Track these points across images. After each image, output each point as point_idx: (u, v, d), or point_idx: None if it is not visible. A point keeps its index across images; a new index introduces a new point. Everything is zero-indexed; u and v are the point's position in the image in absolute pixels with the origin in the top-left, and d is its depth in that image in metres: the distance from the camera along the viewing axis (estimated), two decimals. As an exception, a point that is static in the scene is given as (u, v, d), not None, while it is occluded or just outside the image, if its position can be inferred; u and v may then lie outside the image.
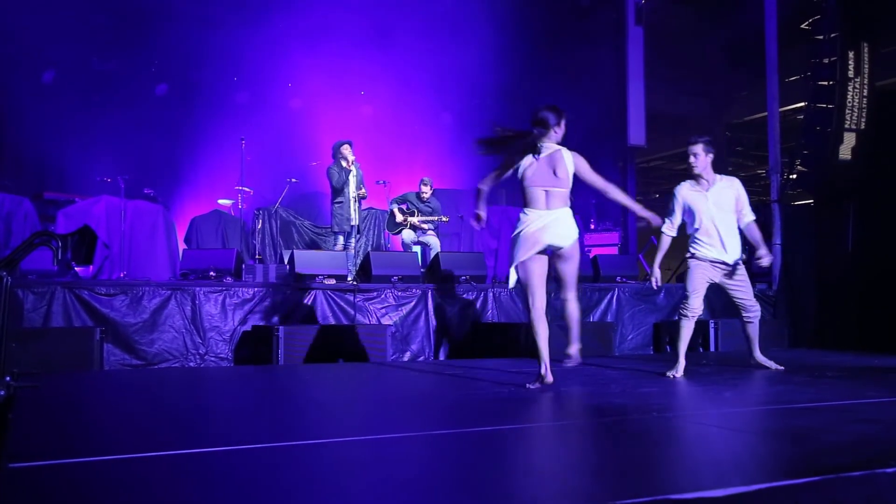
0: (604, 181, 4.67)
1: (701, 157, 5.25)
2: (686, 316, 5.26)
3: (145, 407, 4.12)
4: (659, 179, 18.36)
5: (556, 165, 4.54)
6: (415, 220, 9.74)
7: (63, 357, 6.05)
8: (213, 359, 6.94)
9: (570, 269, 4.72)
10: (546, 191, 4.54)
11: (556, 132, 4.62)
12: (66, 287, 6.61)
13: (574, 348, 5.00)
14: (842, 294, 8.68)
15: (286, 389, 5.00)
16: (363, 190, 9.20)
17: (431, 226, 9.83)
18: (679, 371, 5.15)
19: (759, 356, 5.59)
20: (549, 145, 4.61)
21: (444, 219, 9.85)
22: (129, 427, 3.38)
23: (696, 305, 5.24)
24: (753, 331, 5.52)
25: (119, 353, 6.65)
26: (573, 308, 4.86)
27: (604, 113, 12.67)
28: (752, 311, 5.43)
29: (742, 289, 5.36)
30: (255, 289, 7.26)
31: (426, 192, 9.88)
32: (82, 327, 6.49)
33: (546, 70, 12.98)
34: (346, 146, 9.08)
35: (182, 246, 10.12)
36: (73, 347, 6.17)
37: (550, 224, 4.51)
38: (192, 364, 6.84)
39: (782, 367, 5.45)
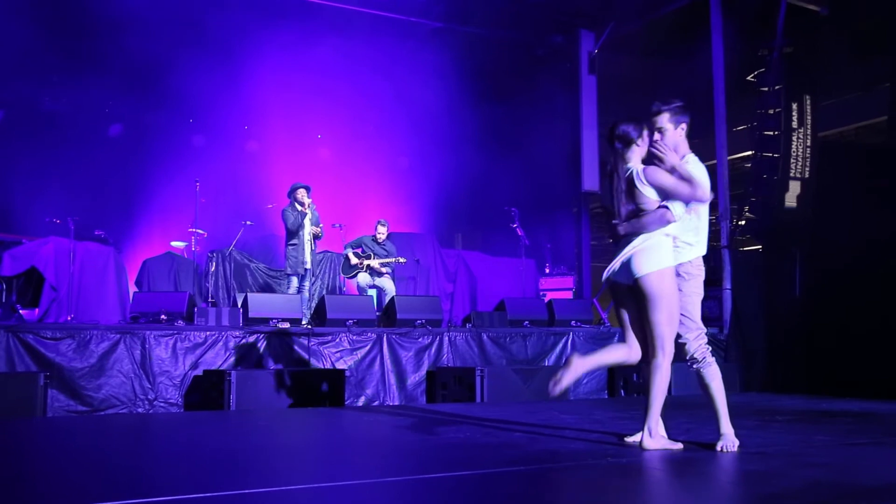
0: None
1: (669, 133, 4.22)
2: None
3: (86, 456, 3.99)
4: (612, 224, 18.65)
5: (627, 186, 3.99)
6: (373, 262, 9.69)
7: (5, 403, 5.84)
8: (162, 404, 6.77)
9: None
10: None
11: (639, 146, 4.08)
12: (9, 330, 6.41)
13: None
14: (791, 338, 8.84)
15: (237, 436, 4.90)
16: (319, 228, 9.17)
17: (389, 268, 9.81)
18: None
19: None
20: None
21: (401, 260, 9.83)
22: (67, 477, 3.26)
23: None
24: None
25: (64, 399, 6.44)
26: (648, 374, 3.85)
27: (559, 159, 12.89)
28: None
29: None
30: (208, 332, 7.13)
31: (382, 233, 9.86)
32: (26, 372, 6.28)
33: (502, 117, 13.19)
34: (302, 190, 9.07)
35: (133, 288, 9.92)
36: (15, 393, 5.96)
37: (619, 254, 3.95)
38: (140, 410, 6.65)
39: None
